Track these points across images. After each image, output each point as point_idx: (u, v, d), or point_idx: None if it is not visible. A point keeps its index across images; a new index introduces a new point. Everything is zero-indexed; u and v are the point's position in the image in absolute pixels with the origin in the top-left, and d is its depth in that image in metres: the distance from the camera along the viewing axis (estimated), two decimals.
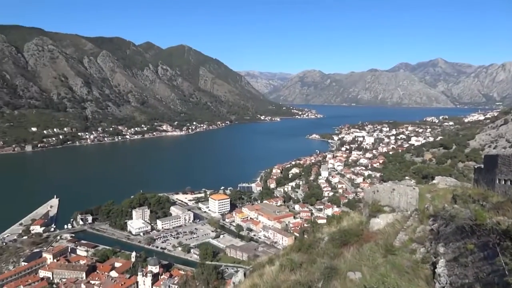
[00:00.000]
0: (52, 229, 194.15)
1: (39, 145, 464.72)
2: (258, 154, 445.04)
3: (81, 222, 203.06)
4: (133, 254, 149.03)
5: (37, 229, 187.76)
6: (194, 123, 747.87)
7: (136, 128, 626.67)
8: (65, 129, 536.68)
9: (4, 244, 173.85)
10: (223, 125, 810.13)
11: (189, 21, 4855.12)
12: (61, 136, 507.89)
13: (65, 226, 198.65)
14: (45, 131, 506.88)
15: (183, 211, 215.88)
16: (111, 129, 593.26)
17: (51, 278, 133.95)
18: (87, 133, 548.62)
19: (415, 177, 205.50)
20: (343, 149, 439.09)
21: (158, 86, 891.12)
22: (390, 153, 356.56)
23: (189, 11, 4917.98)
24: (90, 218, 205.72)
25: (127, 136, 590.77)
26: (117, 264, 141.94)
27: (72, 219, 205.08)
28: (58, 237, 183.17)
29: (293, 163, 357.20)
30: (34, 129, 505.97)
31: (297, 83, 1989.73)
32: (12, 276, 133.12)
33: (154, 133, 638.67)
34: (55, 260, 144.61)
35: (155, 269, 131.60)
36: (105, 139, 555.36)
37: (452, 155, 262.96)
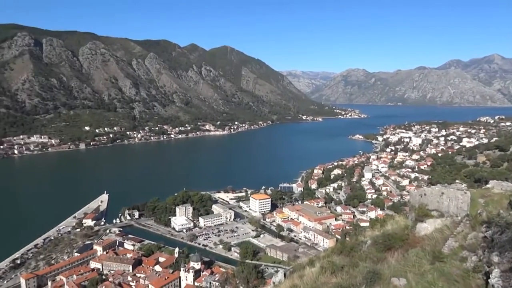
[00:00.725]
0: (102, 223, 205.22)
1: (91, 143, 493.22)
2: (299, 154, 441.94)
3: (128, 217, 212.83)
4: (176, 249, 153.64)
5: (88, 222, 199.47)
6: (236, 123, 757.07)
7: (180, 128, 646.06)
8: (115, 128, 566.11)
9: (60, 235, 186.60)
10: (265, 125, 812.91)
11: (232, 22, 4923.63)
12: (111, 135, 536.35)
13: (114, 221, 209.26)
14: (97, 130, 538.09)
15: (225, 210, 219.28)
16: (157, 128, 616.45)
17: (101, 269, 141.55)
18: (135, 132, 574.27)
19: (466, 181, 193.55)
20: (388, 150, 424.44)
21: (202, 87, 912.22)
22: (439, 155, 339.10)
23: (232, 12, 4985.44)
24: (136, 214, 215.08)
25: (172, 135, 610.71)
26: (161, 259, 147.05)
27: (120, 214, 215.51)
28: (108, 231, 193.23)
29: (335, 163, 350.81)
30: (87, 128, 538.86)
31: (340, 82, 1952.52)
32: (67, 266, 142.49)
33: (198, 132, 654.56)
34: (104, 253, 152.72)
35: (197, 266, 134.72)
36: (151, 138, 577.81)
37: (509, 158, 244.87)
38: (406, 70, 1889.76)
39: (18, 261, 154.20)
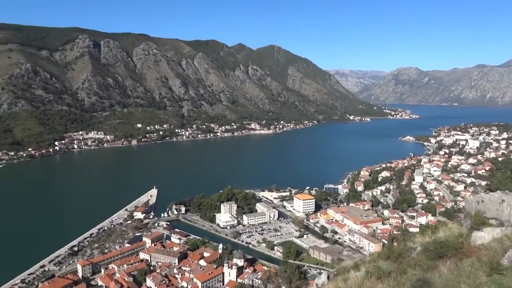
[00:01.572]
0: (151, 217, 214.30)
1: (142, 140, 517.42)
2: (345, 155, 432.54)
3: (175, 212, 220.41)
4: (220, 246, 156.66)
5: (138, 215, 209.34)
6: (282, 122, 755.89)
7: (226, 126, 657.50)
8: (164, 125, 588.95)
9: (113, 226, 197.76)
10: (310, 124, 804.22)
11: (279, 22, 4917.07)
12: (161, 132, 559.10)
13: (162, 215, 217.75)
14: (148, 127, 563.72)
15: (268, 209, 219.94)
16: (204, 126, 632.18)
17: (149, 261, 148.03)
18: (183, 130, 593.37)
19: None
20: (442, 153, 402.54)
21: (248, 86, 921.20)
22: (500, 159, 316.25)
23: (279, 10, 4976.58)
24: (183, 209, 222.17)
25: (218, 134, 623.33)
26: (206, 254, 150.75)
27: (168, 209, 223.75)
28: (156, 224, 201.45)
29: (383, 165, 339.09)
30: (139, 125, 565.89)
31: (391, 82, 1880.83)
32: (118, 255, 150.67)
33: (243, 131, 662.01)
34: (153, 245, 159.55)
35: (240, 262, 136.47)
36: (199, 135, 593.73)
37: None
38: (464, 68, 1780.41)
39: (76, 249, 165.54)
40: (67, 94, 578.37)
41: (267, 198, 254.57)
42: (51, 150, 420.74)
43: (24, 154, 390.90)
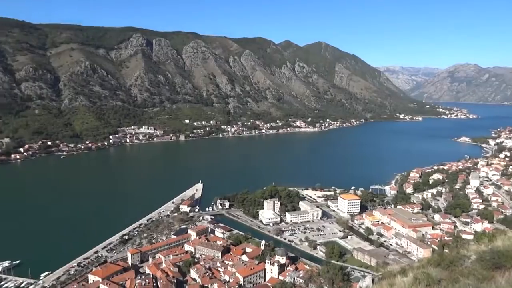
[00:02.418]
0: (196, 210, 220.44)
1: (190, 135, 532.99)
2: (394, 155, 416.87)
3: (219, 207, 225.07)
4: (263, 242, 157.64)
5: (184, 208, 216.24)
6: (328, 120, 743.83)
7: (271, 123, 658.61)
8: (211, 122, 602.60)
9: (160, 218, 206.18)
10: (358, 123, 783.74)
11: (327, 18, 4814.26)
12: (207, 128, 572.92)
13: (207, 209, 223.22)
14: (195, 123, 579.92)
15: (312, 207, 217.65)
16: (249, 123, 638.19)
17: (193, 253, 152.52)
18: (228, 126, 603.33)
19: None
20: (502, 156, 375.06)
21: (294, 83, 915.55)
22: None
23: (328, 6, 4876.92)
24: (227, 204, 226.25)
25: (263, 131, 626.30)
26: (248, 250, 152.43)
27: (212, 203, 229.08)
28: (201, 218, 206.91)
29: (435, 167, 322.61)
30: (187, 121, 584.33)
31: (446, 79, 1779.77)
32: (165, 246, 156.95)
33: (288, 128, 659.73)
34: (197, 238, 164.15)
35: (282, 260, 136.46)
36: (244, 132, 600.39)
37: None
38: None
39: (126, 237, 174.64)
40: (121, 90, 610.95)
41: (311, 197, 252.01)
42: (106, 143, 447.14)
43: (82, 147, 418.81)
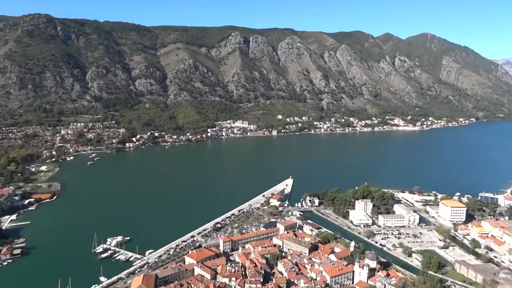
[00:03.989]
0: (286, 205, 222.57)
1: (282, 131, 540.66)
2: (511, 160, 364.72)
3: (308, 203, 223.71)
4: (352, 243, 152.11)
5: (274, 202, 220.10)
6: (430, 118, 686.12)
7: (366, 121, 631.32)
8: (303, 118, 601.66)
9: (251, 209, 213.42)
10: (467, 122, 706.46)
11: (434, 6, 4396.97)
12: (299, 124, 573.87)
13: (296, 204, 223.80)
14: (287, 119, 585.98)
15: (408, 212, 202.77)
16: (343, 120, 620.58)
17: (281, 247, 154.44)
18: (321, 123, 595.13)
19: None
20: None
21: (393, 78, 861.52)
22: None
23: None
24: (316, 201, 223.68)
25: (357, 128, 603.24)
26: (337, 249, 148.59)
27: (301, 199, 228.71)
28: (290, 213, 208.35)
29: None
30: (279, 116, 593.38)
31: None
32: (254, 237, 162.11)
33: (385, 126, 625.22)
34: (285, 232, 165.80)
35: (372, 264, 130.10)
36: (336, 129, 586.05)
37: None
38: None
39: (219, 225, 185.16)
40: (219, 86, 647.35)
41: (407, 201, 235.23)
42: (204, 136, 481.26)
43: (184, 138, 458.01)
